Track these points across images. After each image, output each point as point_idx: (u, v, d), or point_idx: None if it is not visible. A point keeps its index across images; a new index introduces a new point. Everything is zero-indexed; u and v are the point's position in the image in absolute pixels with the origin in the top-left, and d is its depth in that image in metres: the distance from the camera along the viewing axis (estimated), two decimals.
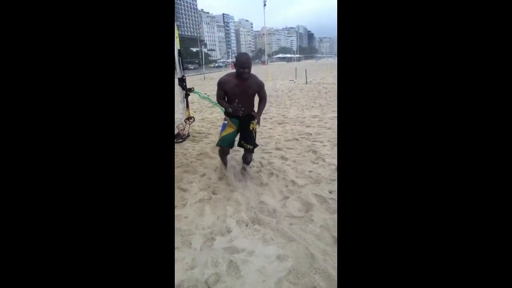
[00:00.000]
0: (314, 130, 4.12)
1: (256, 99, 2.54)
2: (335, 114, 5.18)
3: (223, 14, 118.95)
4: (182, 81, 3.98)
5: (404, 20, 0.68)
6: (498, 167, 0.62)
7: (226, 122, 2.47)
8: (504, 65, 0.63)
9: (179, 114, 4.19)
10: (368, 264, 0.69)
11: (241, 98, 2.33)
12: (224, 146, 2.47)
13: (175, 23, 3.73)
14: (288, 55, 64.58)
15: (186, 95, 4.05)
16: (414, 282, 0.65)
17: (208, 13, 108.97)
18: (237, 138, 2.59)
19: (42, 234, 0.66)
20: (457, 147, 0.65)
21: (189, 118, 4.06)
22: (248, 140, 2.47)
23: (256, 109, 2.54)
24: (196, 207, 2.21)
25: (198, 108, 6.82)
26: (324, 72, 15.46)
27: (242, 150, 2.61)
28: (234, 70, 2.34)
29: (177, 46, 3.83)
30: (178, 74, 3.95)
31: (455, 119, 0.65)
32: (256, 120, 2.47)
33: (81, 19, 0.69)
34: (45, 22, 0.67)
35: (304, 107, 6.30)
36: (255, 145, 2.52)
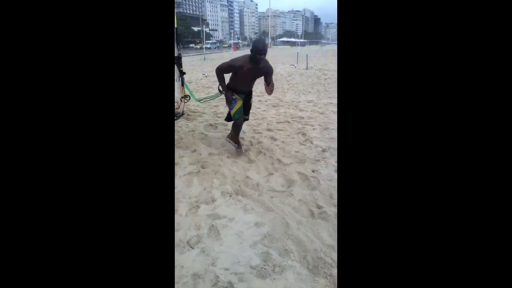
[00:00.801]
0: (307, 114, 4.21)
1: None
2: (330, 100, 5.25)
3: None
4: (178, 59, 4.02)
5: (404, 12, 0.68)
6: (498, 167, 0.62)
7: (235, 97, 2.64)
8: (504, 65, 0.62)
9: (175, 93, 4.25)
10: (368, 263, 0.68)
11: (250, 80, 2.58)
12: (241, 118, 2.71)
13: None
14: (293, 39, 63.30)
15: (182, 74, 4.10)
16: (413, 280, 0.65)
17: None
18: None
19: (41, 230, 0.66)
20: (457, 143, 0.65)
21: (184, 97, 4.13)
22: (247, 112, 2.87)
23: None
24: (185, 179, 2.34)
25: (195, 88, 6.85)
26: (327, 59, 15.29)
27: (230, 125, 2.99)
28: (246, 54, 2.46)
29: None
30: (175, 52, 3.98)
31: (455, 115, 0.65)
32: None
33: (80, 13, 0.69)
34: (41, 15, 0.67)
35: (301, 91, 6.35)
36: (248, 115, 2.97)
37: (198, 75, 9.72)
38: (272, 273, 1.40)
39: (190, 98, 4.19)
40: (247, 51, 3.06)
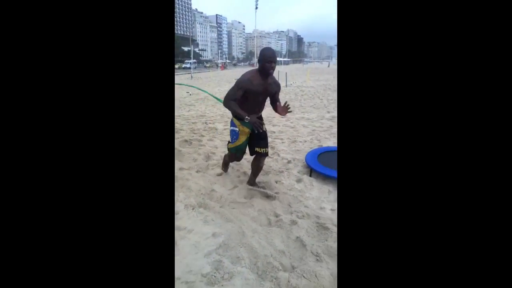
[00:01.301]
0: (278, 129, 4.35)
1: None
2: (303, 115, 5.44)
3: (217, 14, 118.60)
4: None
5: (403, 20, 0.67)
6: (498, 167, 0.61)
7: (237, 129, 2.11)
8: (504, 65, 0.61)
9: None
10: (368, 262, 0.67)
11: (260, 100, 2.08)
12: (238, 155, 2.28)
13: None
14: (278, 59, 65.23)
15: None
16: (413, 280, 0.64)
17: (202, 13, 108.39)
18: None
19: (41, 230, 0.65)
20: (454, 146, 0.64)
21: None
22: (262, 143, 2.13)
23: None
24: None
25: (178, 105, 6.94)
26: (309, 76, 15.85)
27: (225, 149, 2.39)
28: (253, 68, 2.06)
29: None
30: None
31: (454, 119, 0.64)
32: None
33: (81, 17, 0.68)
34: (41, 17, 0.66)
35: None
36: (267, 147, 2.19)
37: (182, 93, 9.86)
38: (221, 280, 1.44)
39: None
40: (236, 70, 2.77)
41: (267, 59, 1.92)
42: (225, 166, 2.64)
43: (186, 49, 54.58)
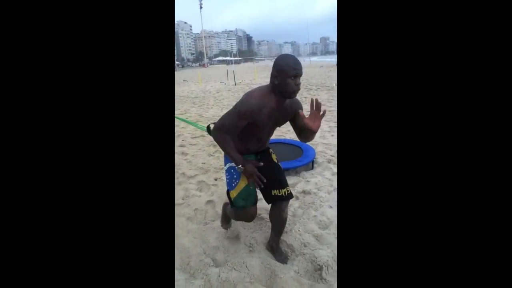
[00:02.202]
0: None
1: None
2: None
3: None
4: None
5: (404, 20, 0.68)
6: (498, 168, 0.61)
7: (232, 171, 1.40)
8: (504, 65, 0.61)
9: None
10: (367, 261, 0.67)
11: (269, 130, 1.38)
12: (249, 205, 1.40)
13: None
14: (228, 58, 65.32)
15: None
16: (412, 279, 0.64)
17: None
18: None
19: (41, 231, 0.65)
20: (454, 146, 0.64)
21: None
22: (284, 181, 1.42)
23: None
24: None
25: None
26: (257, 74, 16.20)
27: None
28: (263, 85, 1.30)
29: None
30: None
31: (454, 119, 0.64)
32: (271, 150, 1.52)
33: (81, 16, 0.68)
34: (43, 18, 0.66)
35: (225, 106, 6.55)
36: (287, 185, 1.44)
37: None
38: None
39: None
40: (184, 72, 1.66)
41: (292, 73, 1.16)
42: (225, 220, 1.74)
43: None
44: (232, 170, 1.39)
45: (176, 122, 4.89)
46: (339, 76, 0.78)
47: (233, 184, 1.39)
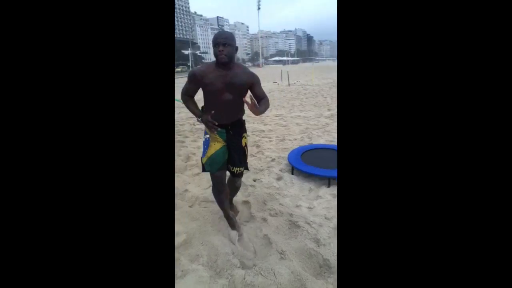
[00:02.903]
0: (269, 128, 4.37)
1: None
2: (300, 114, 5.44)
3: (217, 17, 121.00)
4: None
5: (404, 20, 0.69)
6: (498, 168, 0.63)
7: (208, 136, 1.75)
8: (504, 65, 0.63)
9: None
10: (367, 261, 0.69)
11: (223, 98, 1.62)
12: (215, 171, 1.74)
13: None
14: (284, 58, 65.62)
15: None
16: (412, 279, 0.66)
17: (201, 15, 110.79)
18: None
19: (41, 229, 0.68)
20: (454, 146, 0.66)
21: None
22: (238, 162, 1.78)
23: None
24: None
25: None
26: (316, 75, 15.89)
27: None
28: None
29: None
30: None
31: (454, 119, 0.66)
32: (246, 133, 1.82)
33: (82, 18, 0.71)
34: (45, 21, 0.68)
35: (274, 107, 6.57)
36: (246, 167, 1.87)
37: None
38: (175, 278, 1.45)
39: None
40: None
41: (213, 43, 1.55)
42: (226, 217, 1.89)
43: (186, 52, 55.81)
44: (205, 141, 1.77)
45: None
46: (339, 75, 0.80)
47: (205, 152, 1.75)
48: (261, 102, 1.65)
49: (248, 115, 1.98)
